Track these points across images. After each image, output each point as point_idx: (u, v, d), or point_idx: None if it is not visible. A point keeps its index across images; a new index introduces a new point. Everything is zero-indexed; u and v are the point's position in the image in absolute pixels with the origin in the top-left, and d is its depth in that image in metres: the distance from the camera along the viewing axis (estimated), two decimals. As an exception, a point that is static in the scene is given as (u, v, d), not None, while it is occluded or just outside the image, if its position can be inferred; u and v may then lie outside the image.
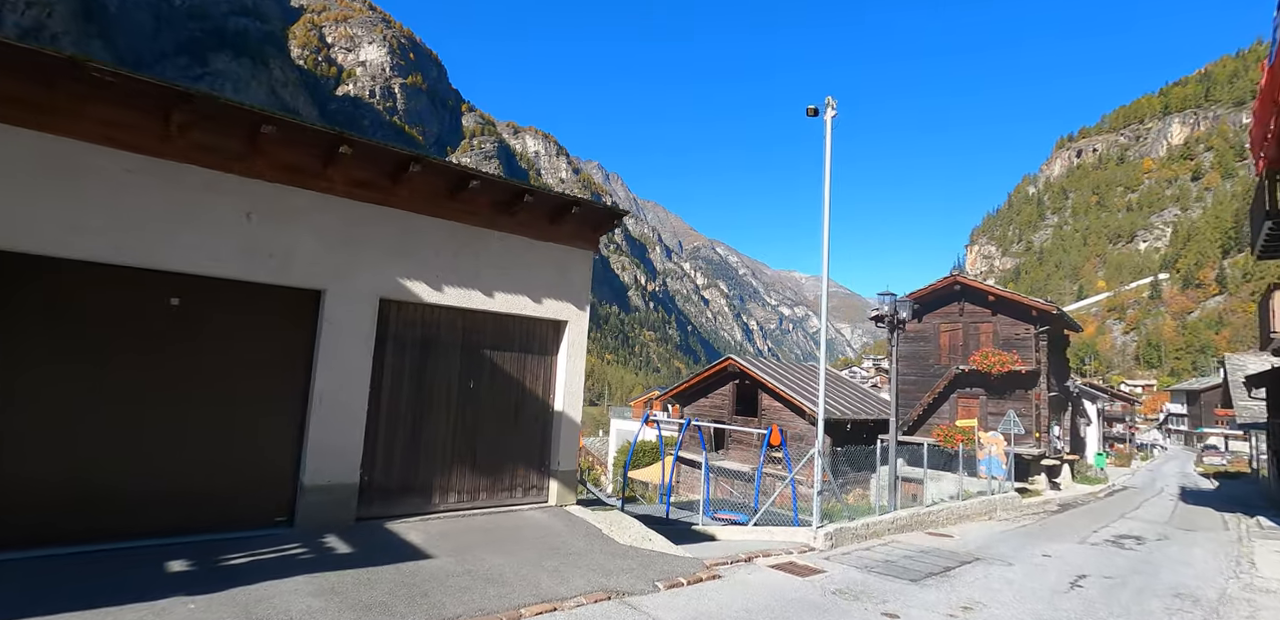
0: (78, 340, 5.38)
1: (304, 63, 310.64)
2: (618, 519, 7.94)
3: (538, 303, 8.09)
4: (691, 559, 7.03)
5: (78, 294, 5.41)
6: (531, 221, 8.00)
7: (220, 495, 5.99)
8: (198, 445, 5.87)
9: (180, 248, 5.71)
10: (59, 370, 5.29)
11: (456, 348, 7.54)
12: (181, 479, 5.77)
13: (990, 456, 16.12)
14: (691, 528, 10.47)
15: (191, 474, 5.83)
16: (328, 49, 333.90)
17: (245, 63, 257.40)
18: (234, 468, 6.10)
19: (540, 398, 8.21)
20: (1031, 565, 8.78)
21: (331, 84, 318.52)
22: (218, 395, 6.01)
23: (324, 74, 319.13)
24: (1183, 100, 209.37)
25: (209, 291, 5.99)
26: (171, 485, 5.71)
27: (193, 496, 5.82)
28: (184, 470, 5.80)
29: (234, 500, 6.09)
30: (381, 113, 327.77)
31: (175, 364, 5.80)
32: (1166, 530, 14.24)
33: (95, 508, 5.35)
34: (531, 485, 8.09)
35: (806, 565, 7.75)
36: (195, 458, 5.85)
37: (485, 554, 6.24)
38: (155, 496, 5.63)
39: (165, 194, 5.66)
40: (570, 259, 8.45)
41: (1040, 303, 20.69)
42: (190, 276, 5.85)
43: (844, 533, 9.15)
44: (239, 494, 6.12)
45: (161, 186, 5.65)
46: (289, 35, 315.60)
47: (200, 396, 5.91)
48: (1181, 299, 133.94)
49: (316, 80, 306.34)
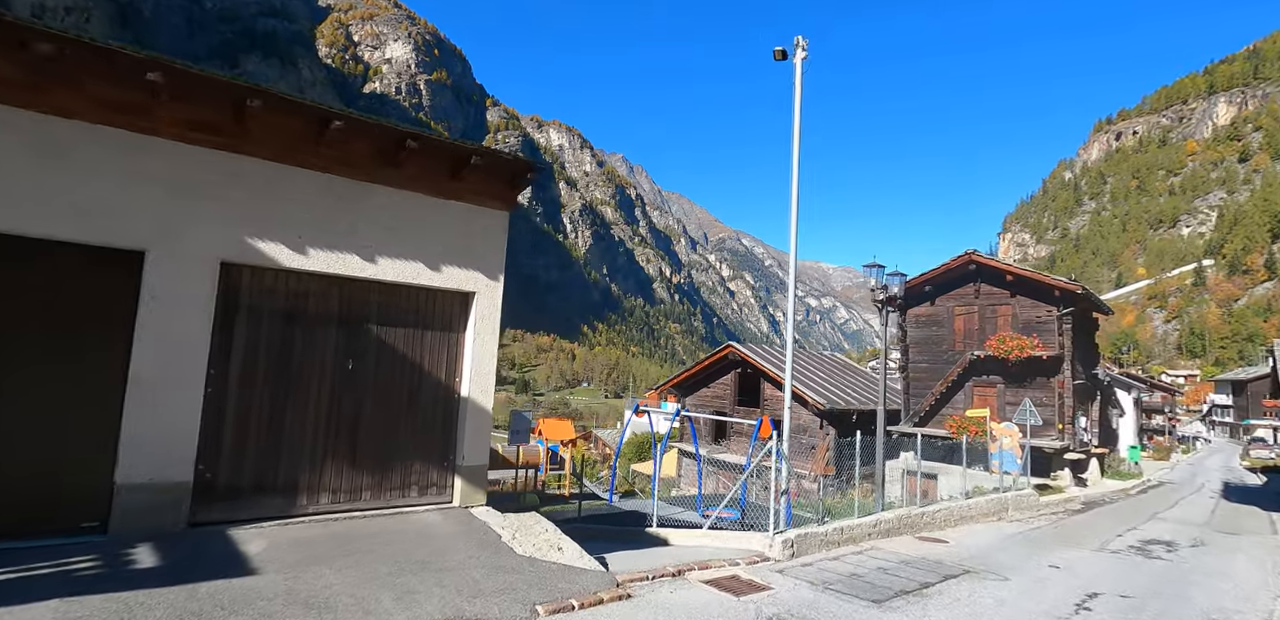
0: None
1: (331, 61, 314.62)
2: (529, 523, 6.75)
3: (437, 271, 6.89)
4: (601, 574, 5.81)
5: None
6: (426, 175, 6.80)
7: (16, 497, 4.93)
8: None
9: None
10: None
11: (332, 322, 6.39)
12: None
13: (1003, 450, 14.59)
14: (646, 530, 9.25)
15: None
16: (354, 47, 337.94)
17: (274, 63, 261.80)
18: (31, 465, 5.03)
19: (442, 381, 7.03)
20: (1032, 580, 7.38)
21: (359, 82, 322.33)
22: (7, 379, 4.94)
23: (351, 72, 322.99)
24: (1229, 79, 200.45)
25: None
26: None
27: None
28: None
29: (33, 503, 5.03)
30: (407, 109, 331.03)
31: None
32: (1204, 534, 12.61)
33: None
34: (430, 483, 6.93)
35: (750, 581, 6.48)
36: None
37: (329, 569, 5.10)
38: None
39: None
40: (478, 220, 7.23)
41: (1063, 282, 18.90)
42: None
43: (808, 539, 7.84)
44: (39, 496, 5.06)
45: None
46: (316, 34, 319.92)
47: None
48: (1227, 286, 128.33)
49: (344, 78, 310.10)
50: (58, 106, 5.06)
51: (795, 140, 8.52)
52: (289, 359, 6.15)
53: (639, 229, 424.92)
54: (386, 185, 6.59)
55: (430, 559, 5.57)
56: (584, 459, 38.81)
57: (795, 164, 8.46)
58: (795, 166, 8.47)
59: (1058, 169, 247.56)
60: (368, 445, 6.53)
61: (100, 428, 5.27)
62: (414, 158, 6.54)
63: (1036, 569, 8.04)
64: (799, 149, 8.47)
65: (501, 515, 6.90)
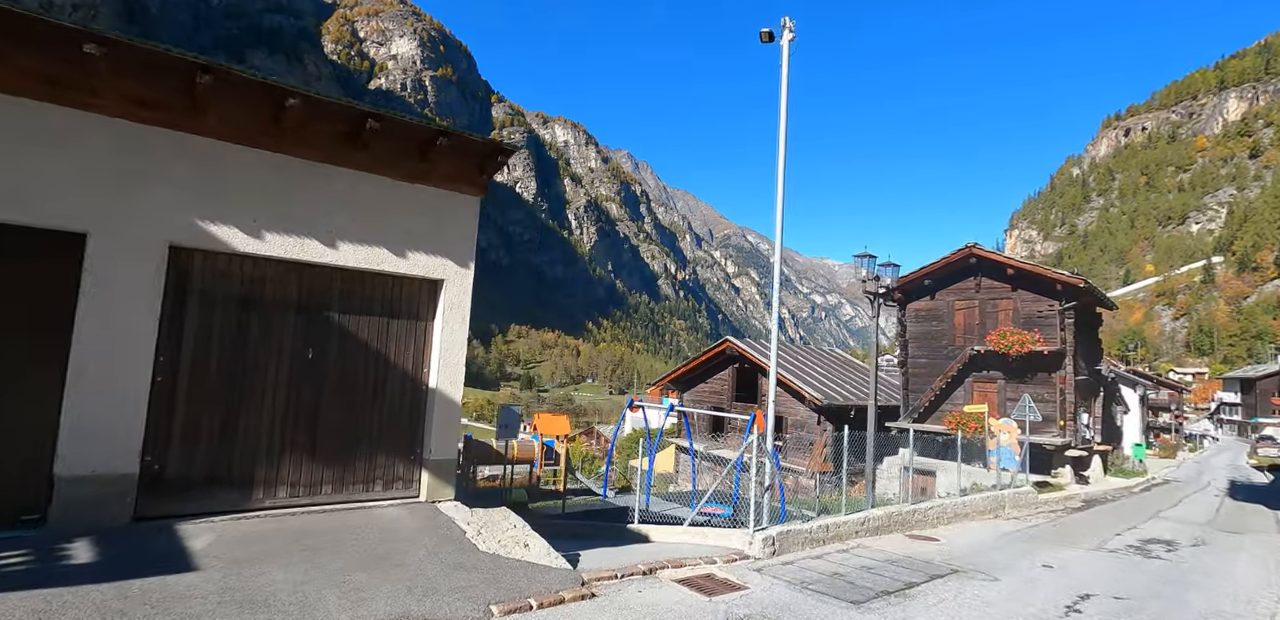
0: None
1: (337, 57, 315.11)
2: (496, 519, 6.51)
3: (403, 257, 6.64)
4: (566, 572, 5.57)
5: None
6: (391, 158, 6.54)
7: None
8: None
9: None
10: None
11: (291, 309, 6.14)
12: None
13: (1001, 446, 14.28)
14: (628, 526, 9.00)
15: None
16: (360, 43, 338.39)
17: (280, 59, 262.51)
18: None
19: (410, 371, 6.79)
20: (1023, 580, 7.10)
21: (364, 78, 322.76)
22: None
23: (357, 68, 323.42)
24: (1240, 74, 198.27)
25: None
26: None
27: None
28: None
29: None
30: (413, 105, 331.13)
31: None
32: (1206, 533, 12.29)
33: None
34: (396, 477, 6.69)
35: (725, 579, 6.22)
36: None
37: (276, 566, 4.87)
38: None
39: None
40: (447, 205, 6.97)
41: (1065, 275, 18.51)
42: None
43: (791, 537, 7.57)
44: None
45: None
46: (322, 30, 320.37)
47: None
48: (1237, 283, 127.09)
49: (350, 74, 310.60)
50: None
51: (782, 123, 8.26)
52: (244, 347, 5.91)
53: (644, 225, 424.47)
54: (349, 167, 6.34)
55: (387, 555, 5.33)
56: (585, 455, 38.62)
57: (781, 146, 8.20)
58: (781, 149, 8.21)
59: (1065, 165, 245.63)
60: (329, 437, 6.30)
61: (41, 418, 5.05)
62: (377, 139, 6.28)
63: (1028, 569, 7.75)
64: (785, 132, 8.23)
65: (469, 511, 6.66)
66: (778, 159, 8.19)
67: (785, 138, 8.14)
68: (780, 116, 8.22)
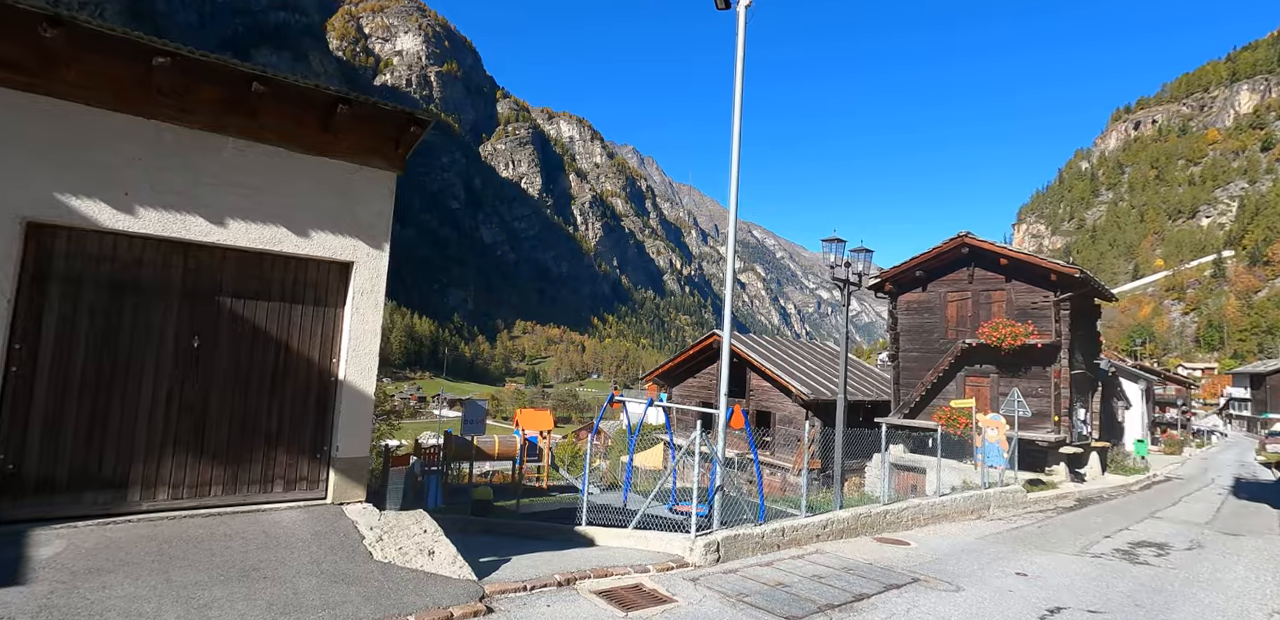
0: None
1: (342, 53, 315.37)
2: (406, 523, 5.94)
3: (305, 237, 6.06)
4: (467, 584, 5.01)
5: None
6: (288, 127, 5.95)
7: None
8: None
9: None
10: None
11: (174, 293, 5.58)
12: None
13: (989, 443, 13.63)
14: (575, 529, 8.43)
15: None
16: (365, 39, 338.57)
17: (285, 56, 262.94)
18: None
19: (315, 362, 6.22)
20: (989, 591, 6.48)
21: (370, 74, 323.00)
22: None
23: (362, 64, 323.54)
24: (1253, 66, 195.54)
25: None
26: None
27: None
28: None
29: None
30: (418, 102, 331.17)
31: None
32: (1203, 535, 11.62)
33: None
34: (299, 477, 6.13)
35: (653, 591, 5.64)
36: None
37: (125, 578, 4.33)
38: None
39: None
40: (358, 181, 6.38)
41: (1060, 265, 17.75)
42: None
43: (738, 542, 6.98)
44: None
45: None
46: (327, 27, 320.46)
47: None
48: (1248, 277, 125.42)
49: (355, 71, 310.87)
50: None
51: (737, 90, 7.78)
52: (118, 335, 5.35)
53: (649, 221, 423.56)
54: (240, 137, 5.75)
55: (260, 566, 4.78)
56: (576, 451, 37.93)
57: (737, 113, 7.75)
58: (737, 115, 7.74)
59: (1074, 159, 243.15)
60: (219, 433, 5.74)
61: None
62: (268, 105, 5.70)
63: (999, 577, 7.13)
64: (741, 99, 7.71)
65: (379, 514, 6.10)
66: (733, 125, 7.64)
67: (740, 105, 7.62)
68: (735, 82, 7.69)
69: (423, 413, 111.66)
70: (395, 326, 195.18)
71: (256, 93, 5.53)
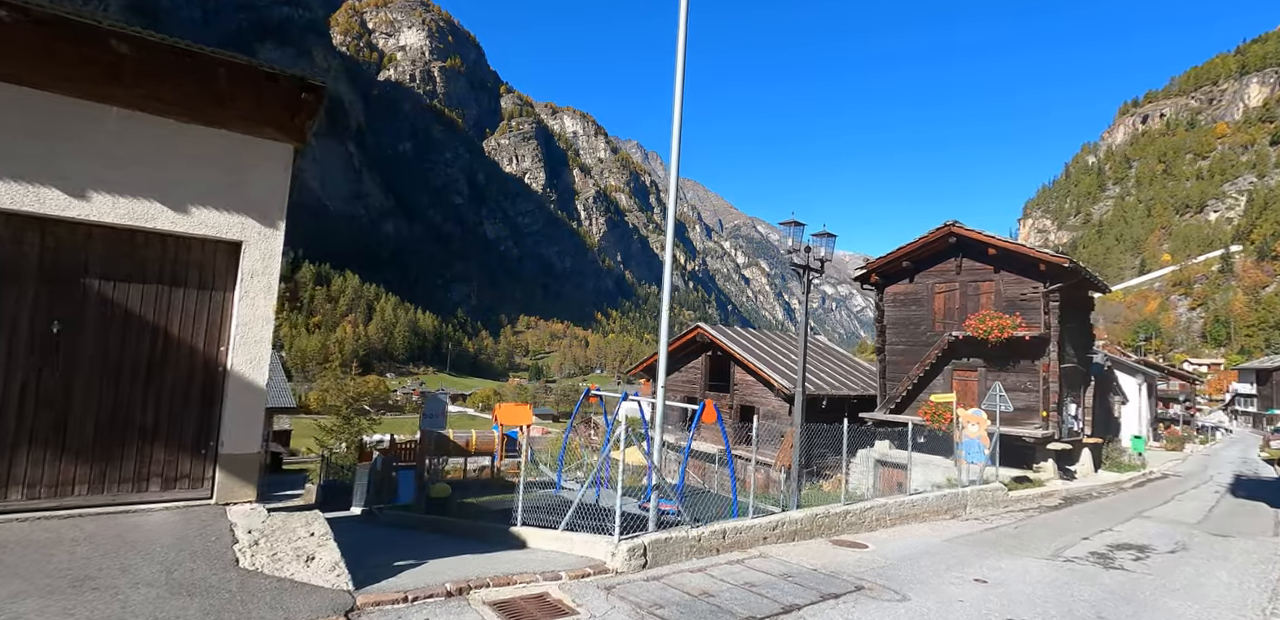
0: None
1: (346, 49, 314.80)
2: (293, 526, 5.44)
3: (185, 213, 5.54)
4: (337, 594, 4.51)
5: None
6: (162, 92, 5.42)
7: None
8: None
9: None
10: None
11: (29, 274, 5.07)
12: None
13: (969, 439, 13.07)
14: (510, 530, 7.92)
15: None
16: (368, 35, 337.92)
17: (289, 51, 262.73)
18: None
19: (200, 350, 5.71)
20: (937, 601, 5.94)
21: (373, 69, 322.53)
22: None
23: (366, 59, 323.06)
24: (1263, 58, 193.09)
25: None
26: None
27: None
28: None
29: None
30: (421, 96, 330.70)
31: None
32: (1190, 536, 11.05)
33: None
34: (180, 475, 5.63)
35: (557, 602, 5.12)
36: None
37: (-76, 592, 3.83)
38: None
39: None
40: (248, 154, 5.85)
41: (1048, 254, 17.11)
42: None
43: (671, 546, 6.45)
44: None
45: None
46: (331, 23, 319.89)
47: None
48: (1256, 272, 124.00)
49: (358, 66, 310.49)
50: None
51: (680, 43, 7.28)
52: (-38, 319, 4.85)
53: (653, 216, 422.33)
54: (104, 102, 5.23)
55: (97, 574, 4.28)
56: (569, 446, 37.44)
57: (679, 60, 7.32)
58: (679, 63, 7.32)
59: (1081, 153, 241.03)
60: (85, 428, 5.24)
61: None
62: (135, 68, 5.17)
63: (954, 584, 6.59)
64: (683, 56, 7.27)
65: (267, 515, 5.60)
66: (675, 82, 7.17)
67: (683, 60, 7.16)
68: (678, 40, 7.22)
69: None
70: (399, 321, 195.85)
71: (118, 53, 5.01)
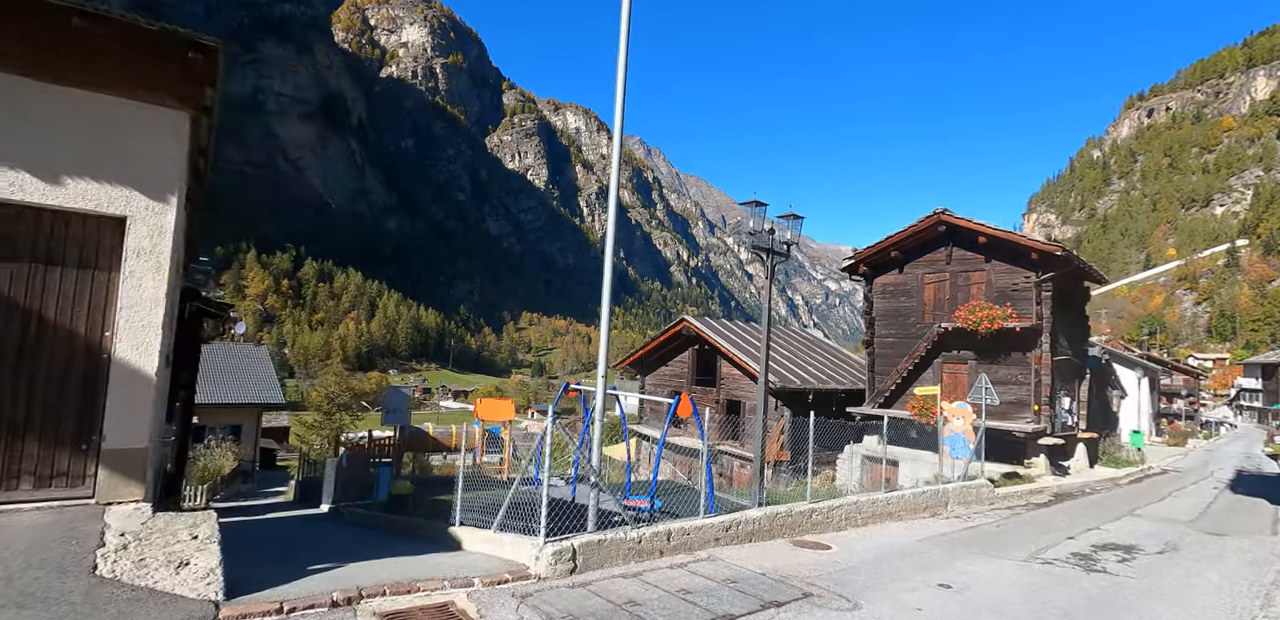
0: None
1: (348, 45, 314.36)
2: (174, 529, 4.95)
3: (57, 185, 5.04)
4: (200, 606, 4.03)
5: None
6: (30, 53, 4.92)
7: None
8: None
9: None
10: None
11: (-127, 250, 4.59)
12: None
13: (955, 433, 12.53)
14: (448, 529, 7.43)
15: None
16: (370, 31, 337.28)
17: (290, 48, 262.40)
18: None
19: (80, 335, 5.21)
20: (890, 610, 5.41)
21: (375, 66, 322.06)
22: None
23: (368, 56, 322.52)
24: (1270, 51, 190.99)
25: None
26: None
27: None
28: None
29: None
30: (424, 93, 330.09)
31: None
32: (1182, 535, 10.49)
33: None
34: (57, 473, 5.14)
35: (461, 612, 4.62)
36: None
37: None
38: None
39: None
40: (133, 120, 5.34)
41: (1041, 243, 16.50)
42: None
43: (606, 548, 5.94)
44: None
45: None
46: (333, 19, 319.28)
47: None
48: (1262, 266, 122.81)
49: (360, 63, 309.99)
50: None
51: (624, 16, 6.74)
52: None
53: (656, 212, 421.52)
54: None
55: (-80, 586, 3.80)
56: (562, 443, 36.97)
57: (624, 21, 6.80)
58: (624, 23, 6.81)
59: (1086, 147, 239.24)
60: (-59, 421, 4.76)
61: None
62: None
63: (914, 590, 6.07)
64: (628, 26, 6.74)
65: (150, 516, 5.11)
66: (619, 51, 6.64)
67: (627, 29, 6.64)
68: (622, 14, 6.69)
69: (427, 404, 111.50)
70: (401, 318, 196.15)
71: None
